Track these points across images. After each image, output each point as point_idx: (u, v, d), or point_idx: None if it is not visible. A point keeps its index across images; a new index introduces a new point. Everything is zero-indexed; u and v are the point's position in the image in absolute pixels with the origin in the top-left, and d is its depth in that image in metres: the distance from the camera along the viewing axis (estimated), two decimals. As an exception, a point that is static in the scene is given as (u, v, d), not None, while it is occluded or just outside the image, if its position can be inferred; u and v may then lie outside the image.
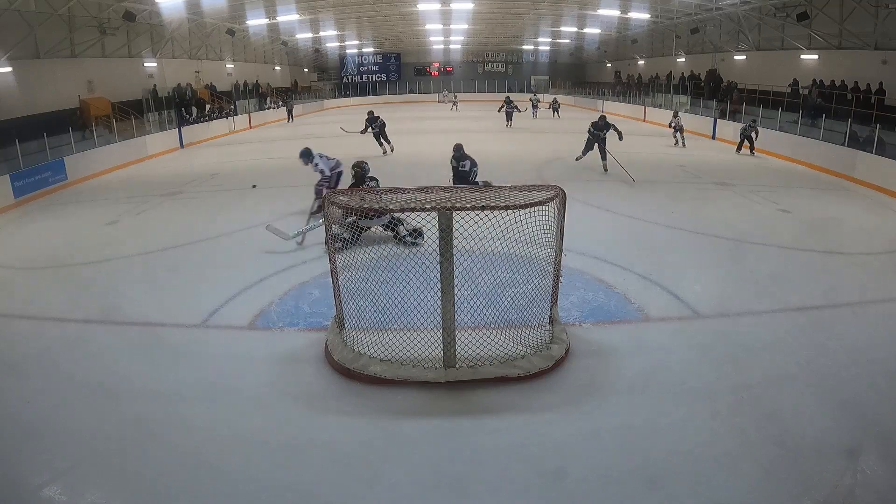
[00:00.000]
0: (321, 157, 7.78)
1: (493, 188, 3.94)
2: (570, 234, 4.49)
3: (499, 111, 20.33)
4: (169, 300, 5.27)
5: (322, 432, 3.37)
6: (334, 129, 19.78)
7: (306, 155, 7.81)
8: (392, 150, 14.42)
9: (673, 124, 15.42)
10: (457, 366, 3.76)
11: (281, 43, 29.19)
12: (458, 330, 3.76)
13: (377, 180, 6.91)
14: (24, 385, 3.92)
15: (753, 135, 13.50)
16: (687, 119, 18.97)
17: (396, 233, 6.06)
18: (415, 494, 2.90)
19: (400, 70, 36.64)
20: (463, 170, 7.67)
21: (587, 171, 11.21)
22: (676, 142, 15.24)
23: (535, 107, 23.60)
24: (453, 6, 22.03)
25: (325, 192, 5.76)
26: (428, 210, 3.55)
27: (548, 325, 4.27)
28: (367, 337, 3.97)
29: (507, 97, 21.22)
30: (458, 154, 7.76)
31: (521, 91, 35.56)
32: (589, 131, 10.89)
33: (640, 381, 3.82)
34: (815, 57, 16.74)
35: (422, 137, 14.95)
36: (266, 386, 3.85)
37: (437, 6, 22.32)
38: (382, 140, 14.33)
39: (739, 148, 13.81)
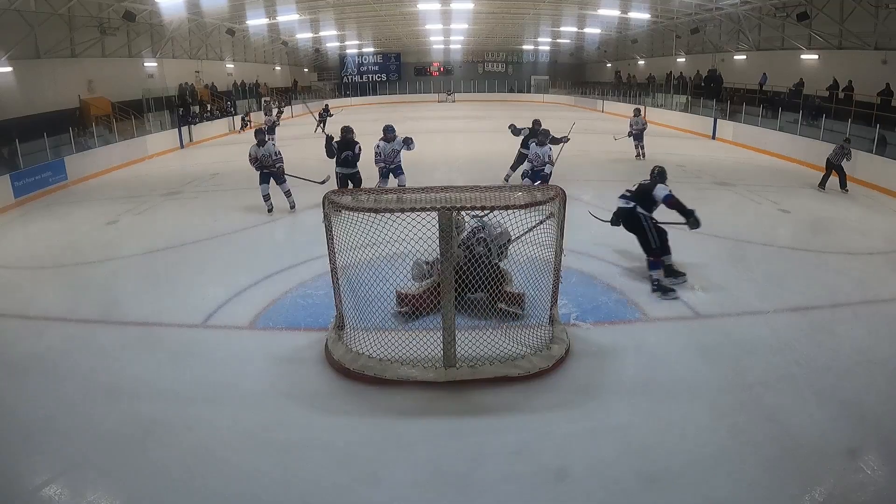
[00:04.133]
0: None
1: (494, 188, 3.94)
2: (570, 233, 4.49)
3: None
4: (169, 300, 5.27)
5: (322, 432, 3.37)
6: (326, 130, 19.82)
7: None
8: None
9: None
10: (457, 366, 3.76)
11: (281, 43, 29.18)
12: (458, 330, 3.75)
13: None
14: (24, 385, 3.92)
15: (845, 161, 9.56)
16: (687, 119, 19.03)
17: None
18: (415, 494, 2.90)
19: (400, 70, 36.62)
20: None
21: (587, 170, 11.22)
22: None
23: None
24: (453, 6, 22.01)
25: None
26: (428, 210, 3.55)
27: (548, 324, 4.28)
28: (367, 337, 3.97)
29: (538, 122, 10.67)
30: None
31: (521, 91, 35.65)
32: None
33: (640, 381, 3.82)
34: (815, 57, 16.74)
35: (421, 137, 14.94)
36: (266, 386, 3.85)
37: (437, 6, 22.30)
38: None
39: (824, 182, 9.78)
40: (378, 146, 7.77)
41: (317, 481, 2.98)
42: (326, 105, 20.91)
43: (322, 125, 19.36)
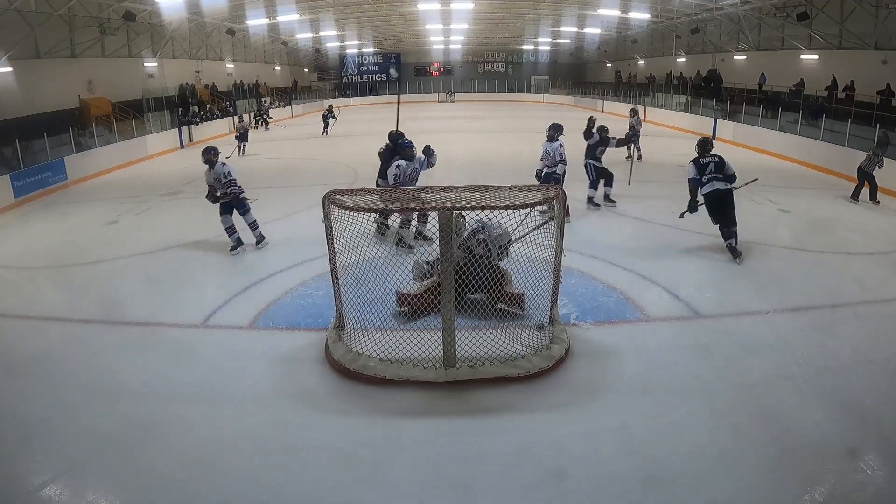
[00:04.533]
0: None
1: (494, 188, 3.94)
2: (570, 233, 4.49)
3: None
4: (169, 300, 5.27)
5: (322, 432, 3.37)
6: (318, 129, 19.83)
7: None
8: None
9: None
10: (457, 366, 3.76)
11: (281, 43, 29.20)
12: (458, 330, 3.75)
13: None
14: (24, 385, 3.92)
15: (877, 168, 8.64)
16: (687, 119, 19.04)
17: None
18: (415, 494, 2.90)
19: (400, 70, 36.63)
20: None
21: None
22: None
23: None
24: (453, 6, 22.02)
25: None
26: (428, 210, 3.55)
27: (548, 324, 4.28)
28: (367, 337, 3.97)
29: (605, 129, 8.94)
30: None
31: (521, 91, 35.64)
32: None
33: (640, 381, 3.82)
34: (815, 57, 16.74)
35: (422, 137, 14.98)
36: (266, 386, 3.85)
37: (437, 6, 22.30)
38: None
39: (857, 193, 8.87)
40: (399, 166, 6.32)
41: (317, 481, 2.98)
42: (330, 106, 19.57)
43: (326, 129, 18.37)
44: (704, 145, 6.14)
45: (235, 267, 6.03)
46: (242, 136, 14.75)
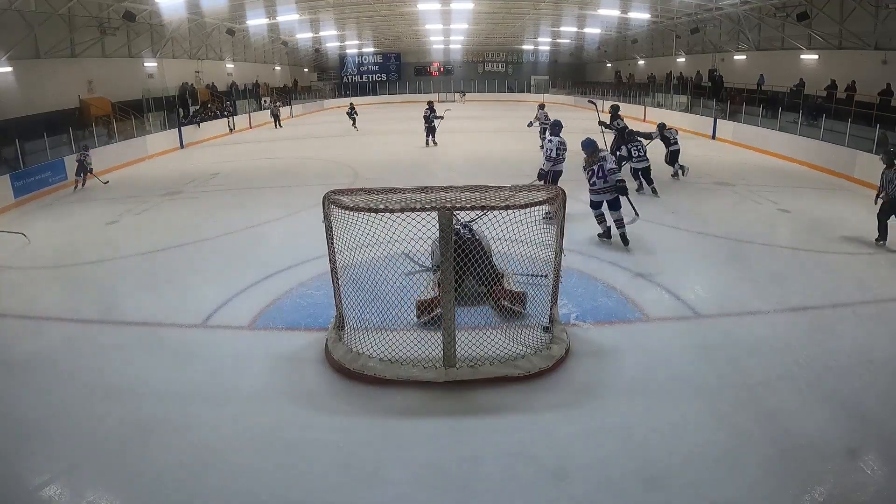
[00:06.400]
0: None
1: (493, 188, 3.93)
2: (570, 233, 4.48)
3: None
4: (169, 300, 5.27)
5: (322, 432, 3.37)
6: (327, 129, 19.81)
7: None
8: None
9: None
10: (457, 366, 3.76)
11: (281, 43, 29.20)
12: (458, 330, 3.75)
13: None
14: (24, 385, 3.93)
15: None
16: (687, 119, 19.02)
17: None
18: (415, 494, 2.90)
19: (400, 70, 36.64)
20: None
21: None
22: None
23: None
24: (453, 6, 22.02)
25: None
26: (428, 210, 3.55)
27: (548, 324, 4.27)
28: (367, 337, 3.97)
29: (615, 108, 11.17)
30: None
31: (522, 91, 35.63)
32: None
33: (640, 381, 3.82)
34: (815, 57, 16.74)
35: (419, 137, 15.00)
36: (266, 386, 3.85)
37: (437, 6, 22.31)
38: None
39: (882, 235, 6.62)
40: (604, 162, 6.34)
41: (317, 481, 2.98)
42: (430, 102, 15.37)
43: (431, 135, 14.77)
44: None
45: (235, 267, 6.02)
46: (81, 167, 10.99)
